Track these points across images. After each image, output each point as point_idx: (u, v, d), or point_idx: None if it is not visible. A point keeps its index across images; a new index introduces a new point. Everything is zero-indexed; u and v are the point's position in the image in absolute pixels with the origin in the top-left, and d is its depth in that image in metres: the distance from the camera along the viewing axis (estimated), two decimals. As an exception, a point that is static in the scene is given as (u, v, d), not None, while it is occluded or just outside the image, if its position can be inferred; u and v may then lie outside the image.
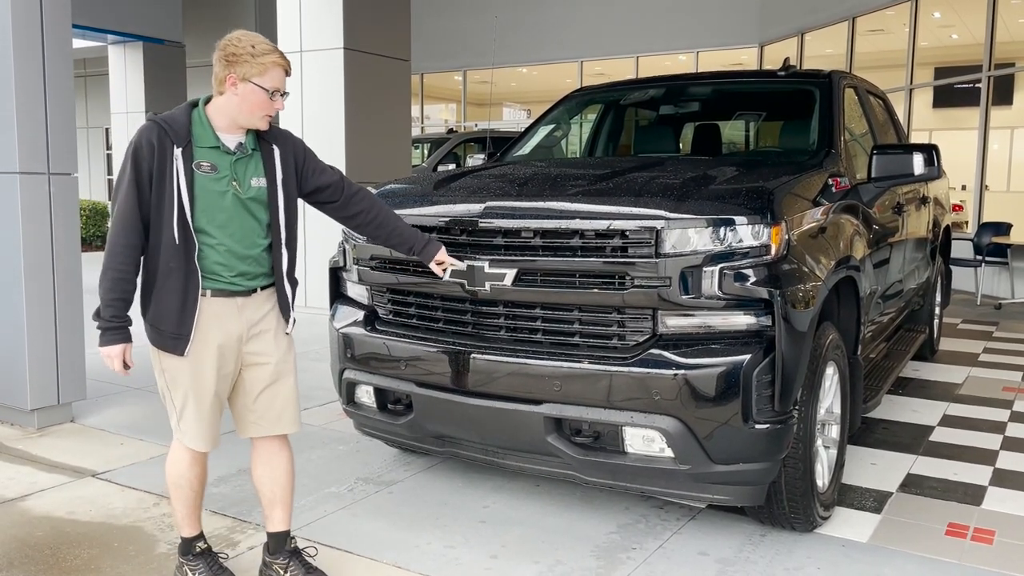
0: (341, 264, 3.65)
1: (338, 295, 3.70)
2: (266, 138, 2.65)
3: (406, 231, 2.98)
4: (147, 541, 3.17)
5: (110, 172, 18.34)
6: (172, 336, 2.54)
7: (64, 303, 4.51)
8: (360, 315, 3.52)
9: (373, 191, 3.64)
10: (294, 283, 2.73)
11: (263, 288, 2.66)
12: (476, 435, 3.23)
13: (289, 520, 2.82)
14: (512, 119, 20.45)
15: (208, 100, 2.59)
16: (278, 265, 2.67)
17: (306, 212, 8.20)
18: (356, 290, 3.59)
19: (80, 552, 3.07)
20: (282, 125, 8.22)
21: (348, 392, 3.56)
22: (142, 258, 2.54)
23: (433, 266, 3.02)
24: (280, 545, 2.81)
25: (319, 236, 7.96)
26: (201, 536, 2.82)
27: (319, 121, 8.03)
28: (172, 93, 14.56)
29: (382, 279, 3.45)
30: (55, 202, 4.42)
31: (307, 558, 2.83)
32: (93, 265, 2.98)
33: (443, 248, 3.03)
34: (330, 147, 7.95)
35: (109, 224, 2.45)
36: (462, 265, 3.08)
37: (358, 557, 3.04)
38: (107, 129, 18.04)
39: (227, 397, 2.70)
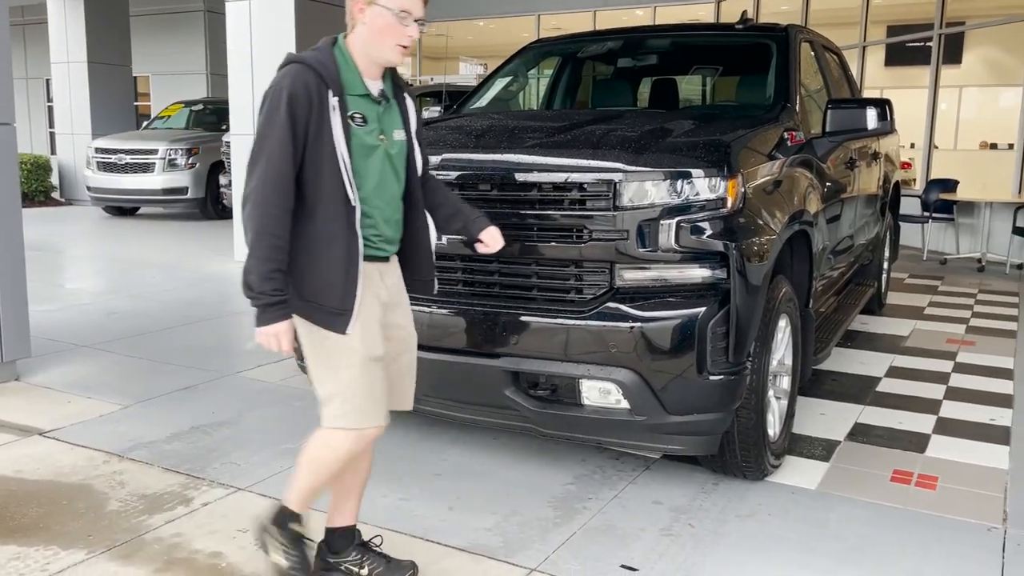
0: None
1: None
2: (399, 84, 2.40)
3: (465, 210, 2.63)
4: (97, 499, 3.11)
5: (51, 124, 17.66)
6: (335, 312, 2.22)
7: (5, 259, 4.35)
8: (314, 269, 3.46)
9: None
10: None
11: (394, 254, 2.44)
12: (434, 389, 3.21)
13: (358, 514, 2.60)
14: (468, 73, 20.16)
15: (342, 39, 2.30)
16: (423, 227, 2.45)
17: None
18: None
19: (28, 510, 3.01)
20: (231, 76, 8.02)
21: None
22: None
23: (482, 246, 2.61)
24: (348, 541, 2.55)
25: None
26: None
27: (270, 71, 7.80)
28: (115, 42, 14.05)
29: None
30: (-8, 153, 4.24)
31: (377, 548, 2.59)
32: (35, 221, 2.88)
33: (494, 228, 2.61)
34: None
35: (250, 185, 2.17)
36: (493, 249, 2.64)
37: (314, 511, 3.02)
38: (48, 80, 17.37)
39: None
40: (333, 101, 2.18)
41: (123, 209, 12.53)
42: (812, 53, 4.71)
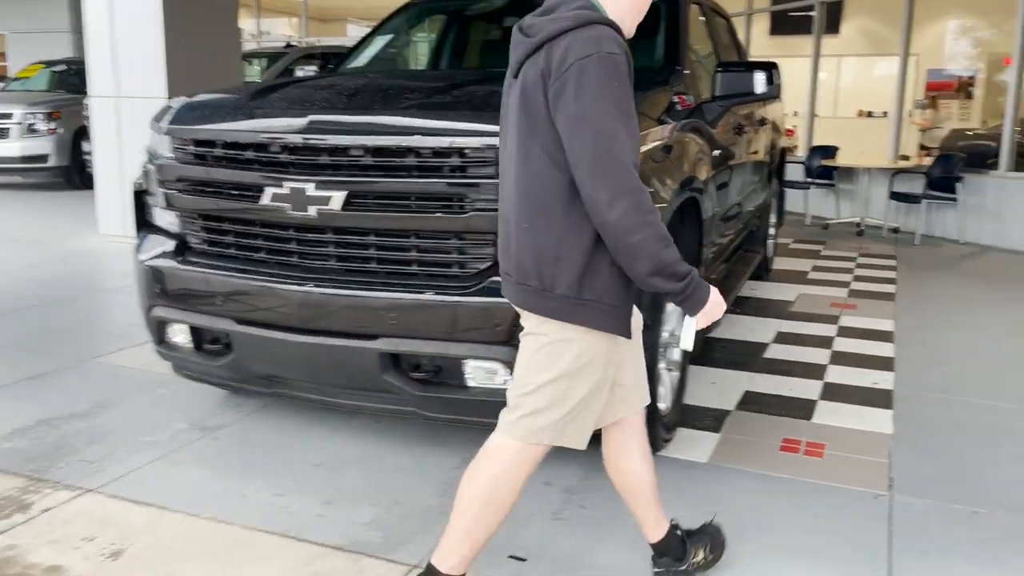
0: (145, 187, 3.22)
1: (144, 223, 3.27)
2: None
3: None
4: (-82, 511, 2.74)
5: None
6: (623, 313, 1.98)
7: None
8: (170, 245, 3.13)
9: (184, 100, 3.22)
10: None
11: None
12: (306, 374, 2.97)
13: None
14: (357, 36, 19.49)
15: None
16: None
17: (121, 122, 7.40)
18: (164, 217, 3.19)
19: None
20: (88, 31, 7.36)
21: (159, 331, 3.19)
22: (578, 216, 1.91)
23: None
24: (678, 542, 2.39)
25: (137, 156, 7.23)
26: None
27: (134, 30, 7.20)
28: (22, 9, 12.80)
29: (194, 204, 3.06)
30: None
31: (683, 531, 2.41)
32: None
33: None
34: (144, 58, 7.18)
35: (612, 182, 1.83)
36: None
37: (173, 513, 2.74)
38: None
39: None
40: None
41: (-24, 179, 11.51)
42: (702, 17, 4.61)
